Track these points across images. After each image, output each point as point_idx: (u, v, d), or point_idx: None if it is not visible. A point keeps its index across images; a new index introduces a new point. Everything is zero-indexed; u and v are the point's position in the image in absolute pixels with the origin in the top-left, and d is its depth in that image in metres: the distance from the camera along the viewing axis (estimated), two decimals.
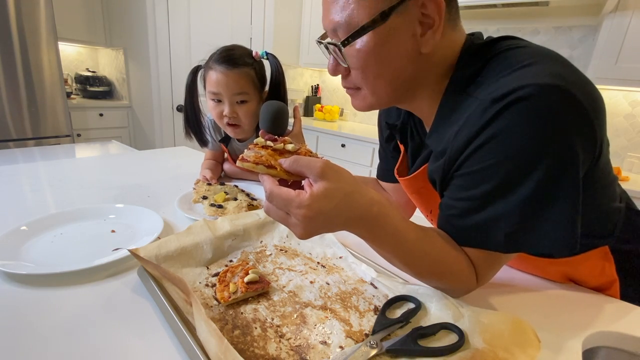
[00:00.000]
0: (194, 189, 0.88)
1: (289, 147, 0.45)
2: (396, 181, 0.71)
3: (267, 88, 0.99)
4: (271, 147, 0.45)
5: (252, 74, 0.94)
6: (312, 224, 0.39)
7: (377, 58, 0.48)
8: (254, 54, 0.94)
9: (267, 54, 0.96)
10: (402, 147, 0.70)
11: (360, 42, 0.47)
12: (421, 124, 0.63)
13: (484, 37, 0.53)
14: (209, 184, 0.91)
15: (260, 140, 0.46)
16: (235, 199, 0.83)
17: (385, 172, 0.79)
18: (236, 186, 0.93)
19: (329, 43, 0.50)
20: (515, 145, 0.41)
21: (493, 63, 0.48)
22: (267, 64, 0.97)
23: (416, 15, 0.46)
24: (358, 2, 0.46)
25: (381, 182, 0.82)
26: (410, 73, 0.50)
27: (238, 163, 0.44)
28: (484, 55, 0.49)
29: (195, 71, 0.96)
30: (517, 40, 0.50)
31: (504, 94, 0.41)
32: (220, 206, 0.77)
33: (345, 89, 0.56)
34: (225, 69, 0.90)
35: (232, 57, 0.91)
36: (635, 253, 0.57)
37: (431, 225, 0.60)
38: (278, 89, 0.98)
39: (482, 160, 0.43)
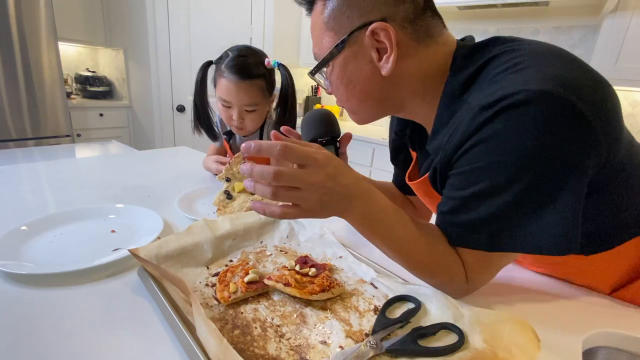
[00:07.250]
0: (229, 163, 0.85)
1: (311, 272, 0.51)
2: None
3: (275, 92, 0.99)
4: (295, 270, 0.51)
5: (263, 84, 0.94)
6: (331, 183, 0.41)
7: (342, 83, 0.55)
8: (266, 62, 0.94)
9: (278, 64, 0.95)
10: (414, 154, 0.71)
11: (328, 71, 0.56)
12: (424, 130, 0.64)
13: (485, 38, 0.52)
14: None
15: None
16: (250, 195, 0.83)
17: (398, 179, 0.81)
18: None
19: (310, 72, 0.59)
20: (503, 151, 0.41)
21: (488, 67, 0.47)
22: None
23: (371, 43, 0.50)
24: (323, 37, 0.53)
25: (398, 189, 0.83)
26: (379, 92, 0.55)
27: (266, 281, 0.49)
28: (477, 59, 0.49)
29: (205, 67, 0.95)
30: (511, 44, 0.48)
31: (492, 101, 0.41)
32: (230, 197, 0.78)
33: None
34: (237, 80, 0.89)
35: (245, 68, 0.90)
36: None
37: None
38: (286, 100, 0.99)
39: (470, 163, 0.45)
